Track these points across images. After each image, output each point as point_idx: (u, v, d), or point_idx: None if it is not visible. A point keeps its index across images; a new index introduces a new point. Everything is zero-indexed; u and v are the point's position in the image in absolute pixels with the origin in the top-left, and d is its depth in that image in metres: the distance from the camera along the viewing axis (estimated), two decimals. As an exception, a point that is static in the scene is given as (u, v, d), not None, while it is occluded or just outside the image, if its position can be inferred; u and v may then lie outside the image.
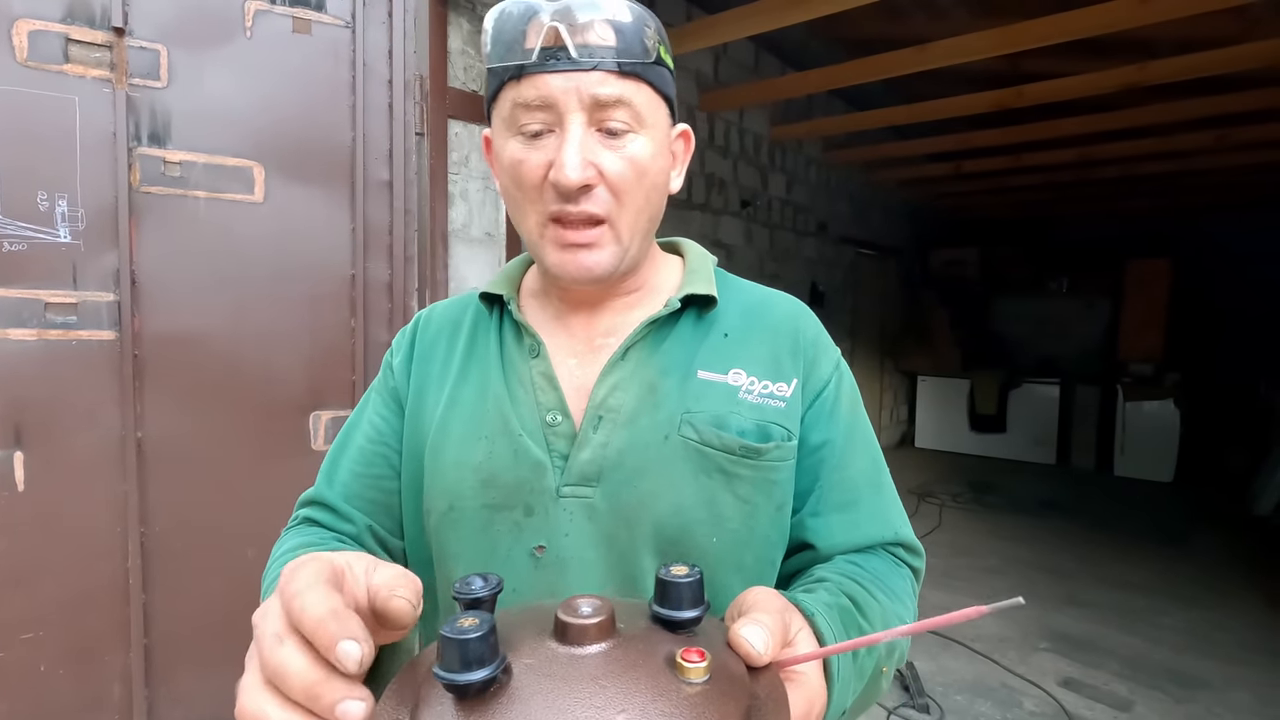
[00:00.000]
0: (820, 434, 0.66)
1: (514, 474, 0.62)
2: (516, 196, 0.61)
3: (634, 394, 0.63)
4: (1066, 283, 6.45)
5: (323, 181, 1.84)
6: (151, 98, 1.63)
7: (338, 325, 1.88)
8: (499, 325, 0.71)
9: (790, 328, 0.69)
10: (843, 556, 0.64)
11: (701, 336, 0.67)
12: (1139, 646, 2.78)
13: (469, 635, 0.30)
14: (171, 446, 1.69)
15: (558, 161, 0.56)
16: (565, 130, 0.56)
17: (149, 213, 1.64)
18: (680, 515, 0.60)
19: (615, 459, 0.61)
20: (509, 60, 0.57)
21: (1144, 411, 5.45)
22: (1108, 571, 3.54)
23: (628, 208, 0.60)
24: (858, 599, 0.56)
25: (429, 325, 0.75)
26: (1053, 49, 2.68)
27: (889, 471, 0.70)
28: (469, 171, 2.12)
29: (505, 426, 0.63)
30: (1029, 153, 4.63)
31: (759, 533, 0.63)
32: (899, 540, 0.67)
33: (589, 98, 0.56)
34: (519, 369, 0.66)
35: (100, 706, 1.66)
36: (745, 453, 0.61)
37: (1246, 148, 4.22)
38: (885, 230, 5.98)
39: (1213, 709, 2.36)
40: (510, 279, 0.74)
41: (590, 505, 0.60)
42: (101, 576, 1.64)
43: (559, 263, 0.61)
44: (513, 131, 0.59)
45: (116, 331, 1.61)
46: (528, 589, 0.61)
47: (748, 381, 0.64)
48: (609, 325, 0.68)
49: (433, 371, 0.71)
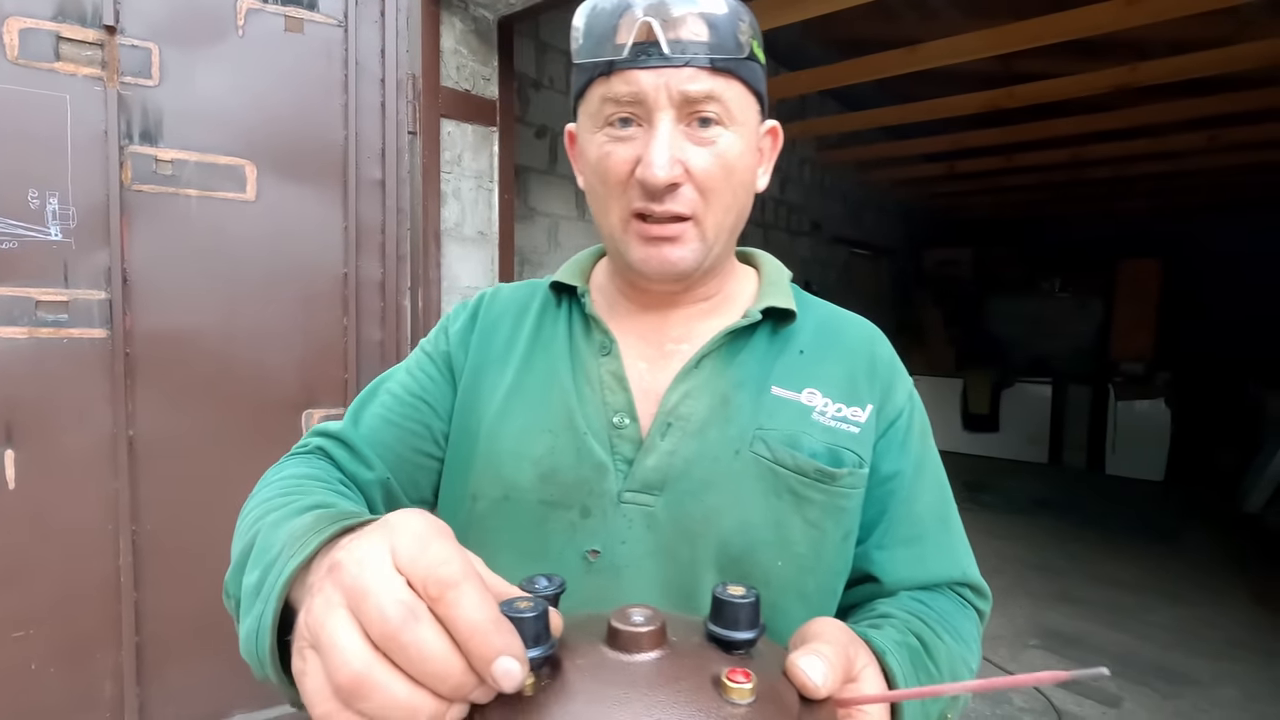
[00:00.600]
0: (891, 464, 0.64)
1: (575, 473, 0.60)
2: (600, 191, 0.60)
3: (705, 404, 0.61)
4: (1059, 283, 6.48)
5: (315, 180, 1.84)
6: (143, 96, 1.62)
7: (330, 324, 1.88)
8: (568, 317, 0.69)
9: (866, 350, 0.67)
10: (907, 593, 0.62)
11: (777, 352, 0.65)
12: (1128, 643, 2.81)
13: (524, 615, 0.30)
14: (163, 445, 1.69)
15: (645, 158, 0.55)
16: (654, 127, 0.55)
17: (140, 211, 1.64)
18: (746, 534, 0.58)
19: (682, 468, 0.59)
20: (599, 55, 0.56)
21: (1135, 410, 5.49)
22: (1098, 569, 3.57)
23: (714, 205, 0.58)
24: (926, 640, 0.54)
25: (494, 303, 0.73)
26: (1044, 50, 2.70)
27: (957, 508, 0.68)
28: (461, 170, 2.12)
29: (570, 422, 0.62)
30: (1021, 153, 4.65)
31: (825, 560, 0.61)
32: (966, 581, 0.65)
33: (679, 94, 0.55)
34: (587, 365, 0.64)
35: (92, 705, 1.66)
36: (819, 476, 0.60)
37: (1238, 148, 4.25)
38: (879, 230, 6.00)
39: (1200, 705, 2.39)
40: (581, 270, 0.72)
41: (651, 514, 0.59)
42: (93, 574, 1.64)
43: (643, 258, 0.60)
44: (600, 126, 0.58)
45: (108, 330, 1.61)
46: (577, 593, 0.57)
47: (821, 402, 0.63)
48: (682, 331, 0.66)
49: (494, 350, 0.69)
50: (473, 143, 2.15)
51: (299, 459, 0.66)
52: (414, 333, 2.04)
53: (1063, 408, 5.91)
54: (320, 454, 0.66)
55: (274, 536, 0.45)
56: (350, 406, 0.71)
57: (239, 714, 1.84)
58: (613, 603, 0.54)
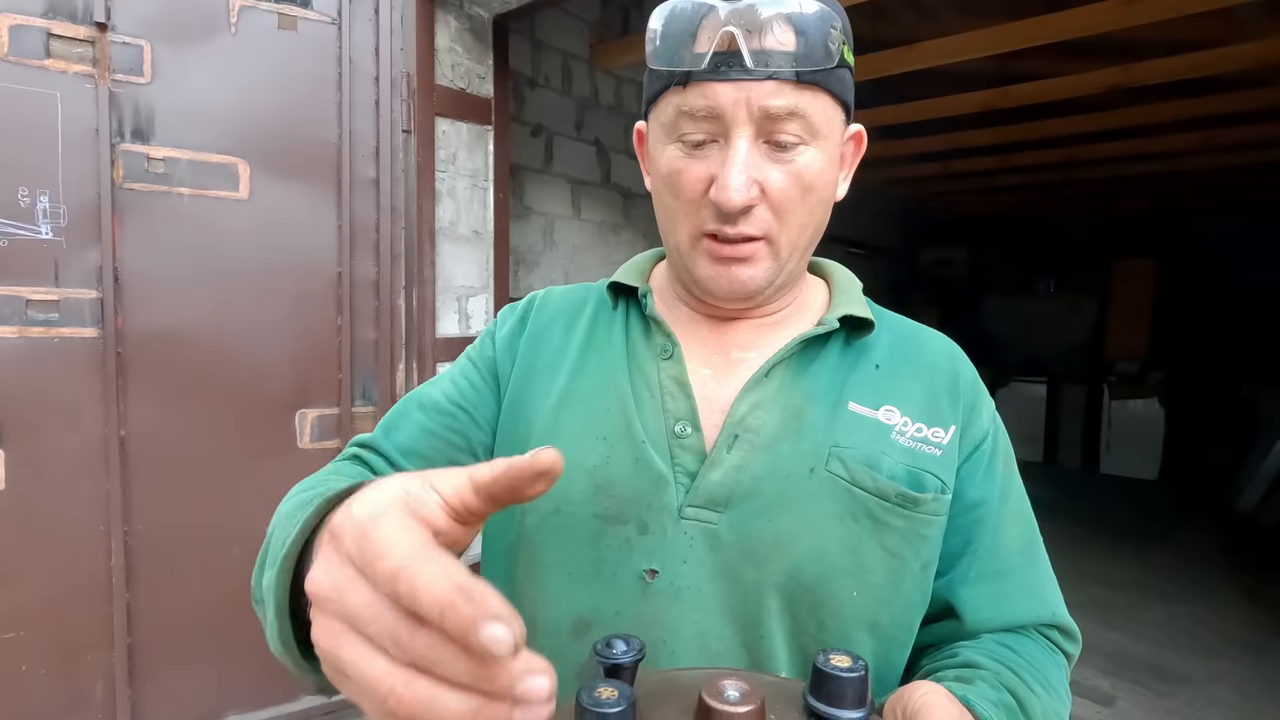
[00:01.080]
0: (977, 491, 0.59)
1: (632, 485, 0.56)
2: (671, 206, 0.57)
3: (777, 417, 0.57)
4: (1054, 282, 6.50)
5: (309, 178, 1.83)
6: (135, 94, 1.61)
7: (324, 323, 1.88)
8: (625, 318, 0.65)
9: (948, 368, 0.63)
10: (993, 638, 0.58)
11: (851, 365, 0.61)
12: (1122, 642, 2.82)
13: (607, 709, 0.28)
14: (155, 445, 1.69)
15: (721, 180, 0.52)
16: (731, 145, 0.52)
17: (132, 209, 1.63)
18: (820, 561, 0.54)
19: (750, 485, 0.55)
20: (676, 65, 0.52)
21: (1129, 410, 5.50)
22: (1092, 568, 3.58)
23: (789, 225, 0.55)
24: (1020, 696, 0.51)
25: (545, 306, 0.70)
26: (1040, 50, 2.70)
27: (1043, 543, 0.64)
28: (456, 169, 2.12)
29: (628, 430, 0.58)
30: (1017, 153, 4.66)
31: (903, 592, 0.56)
32: (1055, 623, 0.60)
33: (759, 110, 0.51)
34: (646, 369, 0.61)
35: (83, 706, 1.65)
36: (901, 500, 0.55)
37: (1231, 149, 4.25)
38: (875, 229, 6.01)
39: (1194, 703, 2.40)
40: (641, 271, 0.68)
41: (714, 533, 0.55)
42: (84, 575, 1.63)
43: (711, 276, 0.57)
44: (673, 138, 0.55)
45: (99, 329, 1.60)
46: (632, 615, 0.55)
47: (900, 421, 0.58)
48: (749, 339, 0.62)
49: (544, 357, 0.65)
50: (468, 141, 2.14)
51: (336, 465, 0.63)
52: (408, 332, 2.03)
53: (1057, 407, 5.93)
54: (356, 460, 0.64)
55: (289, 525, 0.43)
56: (389, 412, 0.68)
57: (233, 715, 1.83)
58: (673, 630, 0.54)
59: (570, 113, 2.88)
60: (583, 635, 0.56)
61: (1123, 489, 5.23)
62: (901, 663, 0.59)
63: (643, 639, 0.54)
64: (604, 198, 3.09)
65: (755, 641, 0.54)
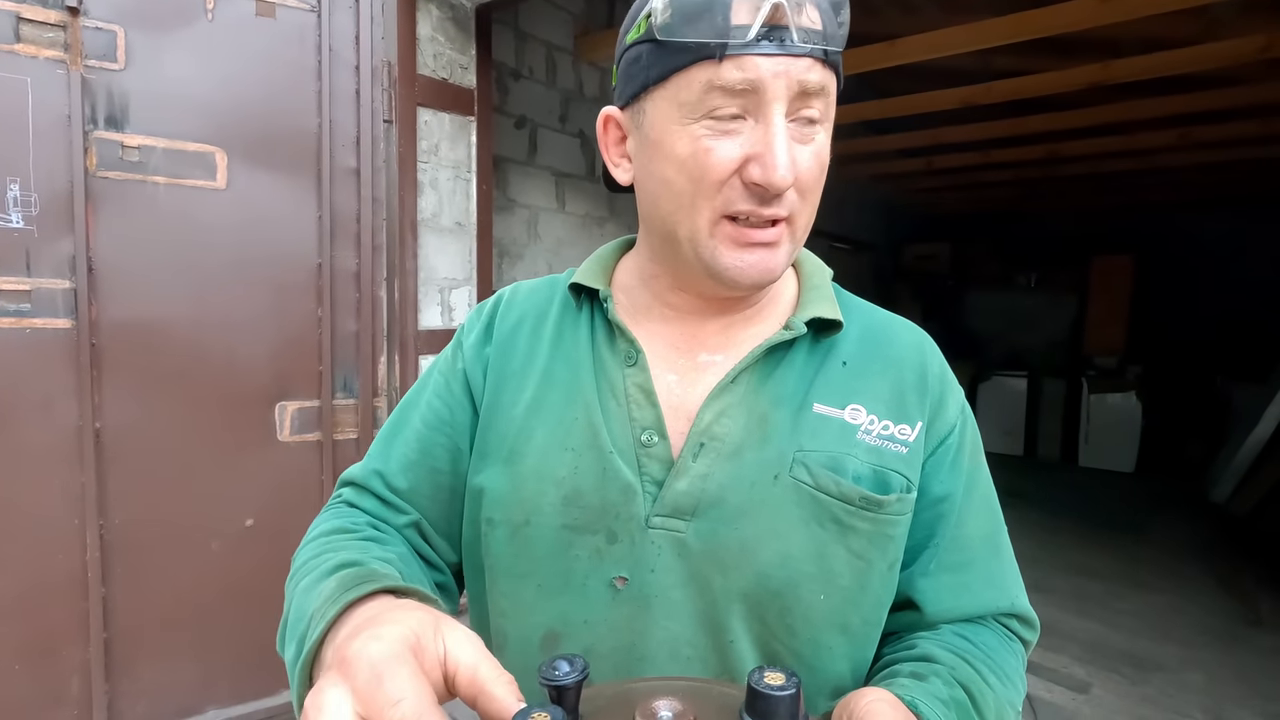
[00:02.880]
0: (942, 486, 0.59)
1: (600, 495, 0.56)
2: (687, 190, 0.53)
3: (742, 424, 0.56)
4: (1035, 278, 6.58)
5: (288, 168, 1.81)
6: (108, 80, 1.58)
7: (304, 314, 1.86)
8: (590, 322, 0.63)
9: (916, 361, 0.62)
10: (951, 628, 0.58)
11: (818, 363, 0.60)
12: (1097, 631, 2.87)
13: None
14: (132, 438, 1.66)
15: (767, 159, 0.49)
16: (770, 121, 0.50)
17: (106, 198, 1.60)
18: (786, 567, 0.54)
19: (715, 494, 0.55)
20: (706, 36, 0.49)
21: (1107, 404, 5.59)
22: (1069, 558, 3.63)
23: (808, 206, 0.54)
24: (972, 689, 0.52)
25: (510, 309, 0.68)
26: (1020, 47, 2.73)
27: (1007, 532, 0.64)
28: (439, 160, 2.10)
29: (595, 440, 0.57)
30: (998, 149, 4.70)
31: (871, 592, 0.57)
32: (1015, 611, 0.61)
33: (797, 85, 0.49)
34: (611, 376, 0.59)
35: (59, 701, 1.63)
36: (865, 504, 0.55)
37: (1207, 146, 4.33)
38: (859, 225, 6.05)
39: (1166, 690, 2.44)
40: (604, 267, 0.66)
41: (681, 541, 0.55)
42: (59, 570, 1.60)
43: (738, 265, 0.54)
44: (698, 116, 0.51)
45: (73, 320, 1.58)
46: (603, 623, 0.56)
47: (867, 420, 0.57)
48: (718, 340, 0.61)
49: (513, 364, 0.64)
50: (450, 132, 2.12)
51: (329, 513, 0.64)
52: (390, 324, 2.02)
53: (1038, 401, 6.01)
54: (348, 506, 0.65)
55: (305, 605, 0.48)
56: (374, 443, 0.68)
57: (212, 709, 1.82)
58: (642, 634, 0.55)
59: (554, 104, 2.87)
60: (552, 648, 0.57)
61: (1100, 481, 5.31)
62: (871, 658, 0.60)
63: (612, 645, 0.55)
64: (588, 190, 3.08)
65: (725, 646, 0.55)
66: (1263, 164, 4.68)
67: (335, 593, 0.45)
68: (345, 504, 0.65)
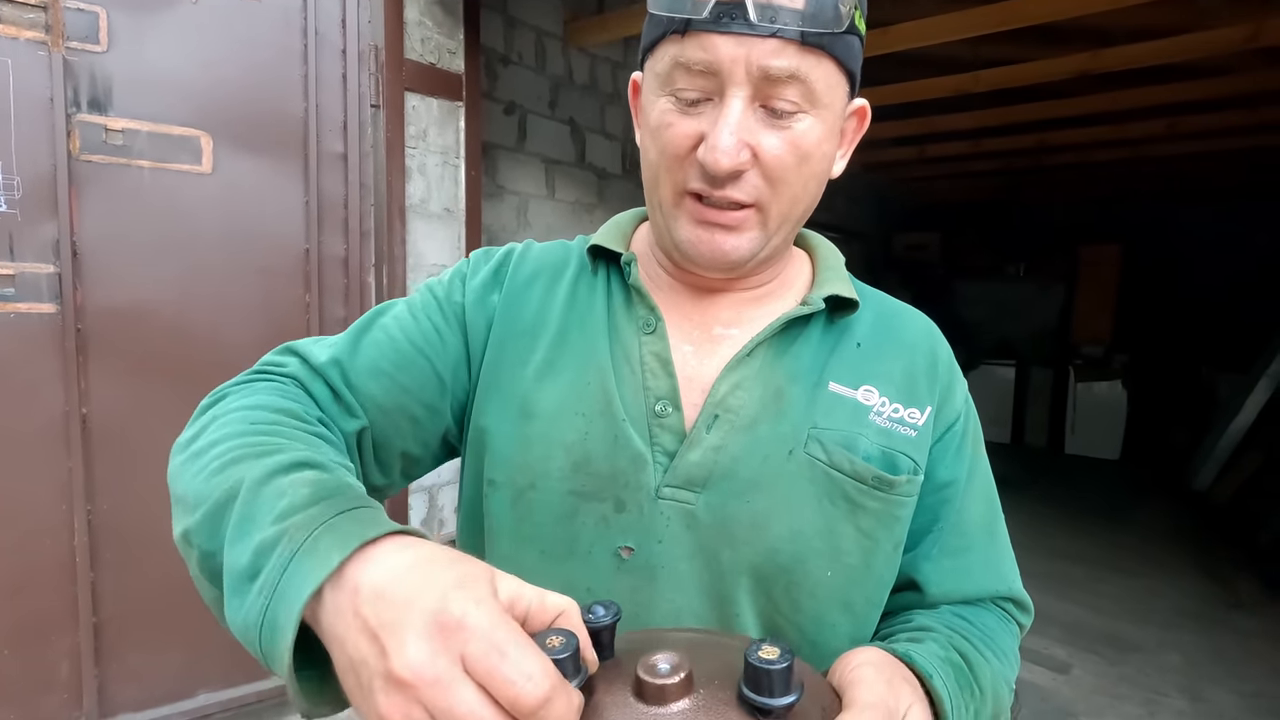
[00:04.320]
0: (947, 471, 0.60)
1: (609, 463, 0.55)
2: (655, 161, 0.54)
3: (757, 397, 0.56)
4: (1024, 267, 6.62)
5: (274, 153, 1.80)
6: (90, 62, 1.57)
7: (292, 301, 1.85)
8: (606, 286, 0.62)
9: (927, 348, 0.62)
10: (950, 608, 0.60)
11: (833, 344, 0.60)
12: (1078, 613, 2.92)
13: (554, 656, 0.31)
14: (119, 423, 1.66)
15: (710, 140, 0.49)
16: (724, 104, 0.49)
17: (90, 182, 1.59)
18: (796, 542, 0.54)
19: (728, 466, 0.54)
20: (676, 11, 0.48)
21: (1094, 392, 5.65)
22: (1053, 543, 3.69)
23: (781, 195, 0.52)
24: (970, 658, 0.52)
25: (525, 261, 0.66)
26: (1011, 35, 2.73)
27: (1004, 519, 0.65)
28: (427, 146, 2.09)
29: (607, 407, 0.56)
30: (989, 138, 4.71)
31: (875, 571, 0.57)
32: (1011, 595, 0.62)
33: (758, 70, 0.48)
34: (627, 343, 0.58)
35: (49, 686, 1.63)
36: (877, 483, 0.55)
37: (1195, 136, 4.35)
38: (850, 214, 6.06)
39: (1144, 670, 2.50)
40: (622, 234, 0.64)
41: (691, 513, 0.54)
42: (47, 555, 1.60)
43: (691, 240, 0.54)
44: (666, 91, 0.51)
45: (57, 304, 1.57)
46: (605, 592, 0.54)
47: (879, 401, 0.57)
48: (731, 315, 0.60)
49: (524, 320, 0.62)
50: (438, 117, 2.11)
51: (271, 384, 0.55)
52: (379, 310, 2.01)
53: (1025, 389, 6.07)
54: (295, 384, 0.57)
55: (262, 502, 0.40)
56: (339, 338, 0.61)
57: (203, 693, 1.83)
58: (646, 605, 0.55)
59: (544, 91, 2.86)
60: None
61: (1086, 469, 5.38)
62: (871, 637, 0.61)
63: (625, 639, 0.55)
64: (578, 178, 3.07)
65: (729, 620, 0.55)
66: (1249, 154, 4.71)
67: (324, 514, 0.37)
68: (289, 380, 0.57)
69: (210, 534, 0.41)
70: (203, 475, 0.44)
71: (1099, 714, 2.22)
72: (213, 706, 1.83)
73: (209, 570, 0.42)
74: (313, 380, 0.57)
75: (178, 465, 0.49)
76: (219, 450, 0.46)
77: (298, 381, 0.57)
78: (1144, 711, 2.24)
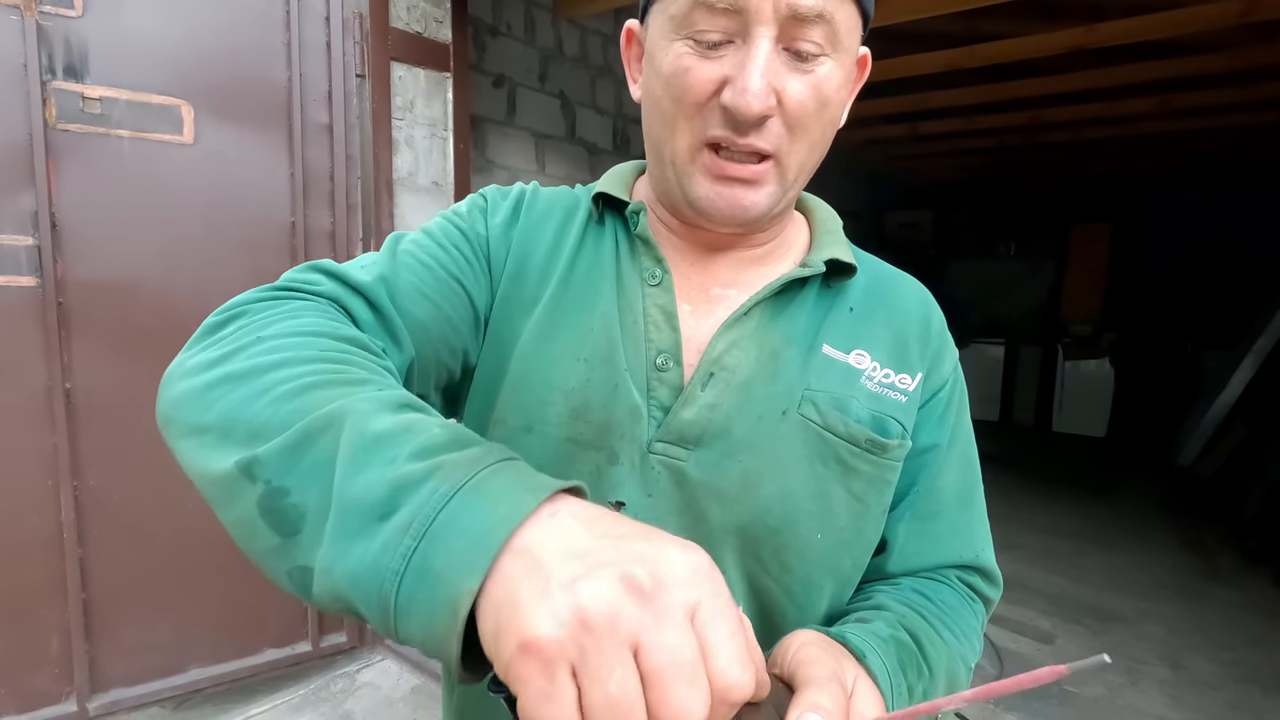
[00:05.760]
0: (929, 437, 0.60)
1: (606, 412, 0.54)
2: (669, 111, 0.51)
3: (753, 356, 0.55)
4: (1014, 246, 6.63)
5: (257, 123, 1.76)
6: (65, 27, 1.53)
7: (277, 274, 1.79)
8: (614, 235, 0.61)
9: (920, 314, 0.62)
10: (910, 583, 0.59)
11: (827, 307, 0.59)
12: (1063, 585, 2.97)
13: None
14: (103, 397, 1.64)
15: (739, 82, 0.47)
16: (752, 45, 0.47)
17: (68, 152, 1.55)
18: (787, 503, 0.54)
19: (722, 424, 0.54)
20: None
21: (1081, 370, 5.70)
22: (1039, 518, 3.74)
23: (800, 144, 0.51)
24: (920, 636, 0.52)
25: (537, 200, 0.64)
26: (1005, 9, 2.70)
27: (983, 488, 0.64)
28: (414, 117, 2.06)
29: (610, 356, 0.55)
30: (982, 115, 4.69)
31: (864, 536, 0.57)
32: (978, 565, 0.61)
33: (786, 8, 0.46)
34: (630, 294, 0.57)
35: (39, 661, 1.63)
36: (870, 446, 0.55)
37: (1187, 114, 4.34)
38: (843, 192, 6.03)
39: (1126, 640, 2.55)
40: (625, 184, 0.63)
41: (681, 469, 0.53)
42: (33, 530, 1.59)
43: (710, 196, 0.52)
44: (682, 34, 0.49)
45: (37, 277, 1.54)
46: None
47: (870, 366, 0.57)
48: (730, 275, 0.59)
49: (536, 256, 0.60)
50: (425, 89, 2.08)
51: (313, 305, 0.47)
52: (367, 285, 1.99)
53: (1014, 367, 6.11)
54: (337, 307, 0.49)
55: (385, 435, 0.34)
56: (369, 258, 0.56)
57: (195, 668, 1.83)
58: None
59: (533, 63, 2.81)
60: None
61: (1072, 446, 5.44)
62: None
63: None
64: (569, 153, 3.04)
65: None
66: (1239, 133, 4.72)
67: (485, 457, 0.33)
68: (330, 303, 0.49)
69: (290, 466, 0.35)
70: (267, 399, 0.37)
71: (1082, 683, 2.26)
72: (204, 681, 1.84)
73: (275, 510, 0.34)
74: (358, 305, 0.50)
75: (199, 389, 0.40)
76: (287, 374, 0.38)
77: (336, 304, 0.50)
78: (1126, 680, 2.29)
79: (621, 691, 0.26)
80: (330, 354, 0.41)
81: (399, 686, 2.01)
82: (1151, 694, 2.22)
